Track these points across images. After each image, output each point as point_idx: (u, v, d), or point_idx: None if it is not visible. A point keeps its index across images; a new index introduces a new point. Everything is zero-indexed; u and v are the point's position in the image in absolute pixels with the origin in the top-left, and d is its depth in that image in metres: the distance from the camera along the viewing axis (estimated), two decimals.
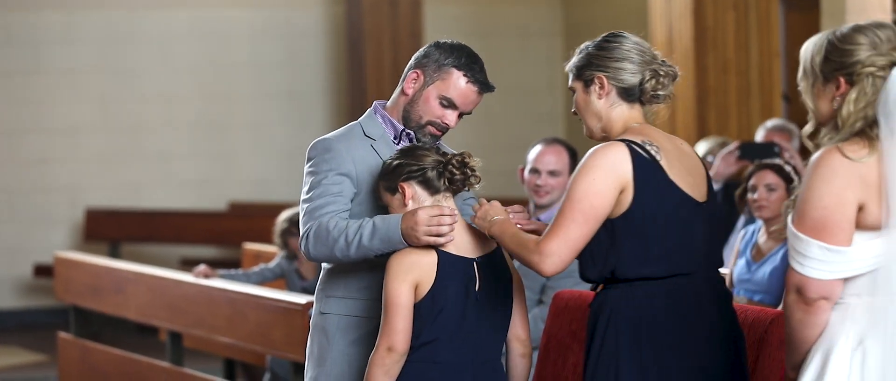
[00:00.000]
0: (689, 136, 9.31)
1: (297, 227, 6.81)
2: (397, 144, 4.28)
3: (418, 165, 4.07)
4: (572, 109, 4.01)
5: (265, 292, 6.57)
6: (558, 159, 6.00)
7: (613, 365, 3.79)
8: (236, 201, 12.66)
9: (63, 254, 8.62)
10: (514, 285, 4.13)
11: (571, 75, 3.97)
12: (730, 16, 9.48)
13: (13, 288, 12.44)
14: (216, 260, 11.67)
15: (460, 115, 4.28)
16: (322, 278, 4.35)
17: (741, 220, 6.65)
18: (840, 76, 3.42)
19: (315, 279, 5.78)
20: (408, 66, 4.32)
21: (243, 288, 6.64)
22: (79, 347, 8.14)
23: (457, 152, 4.13)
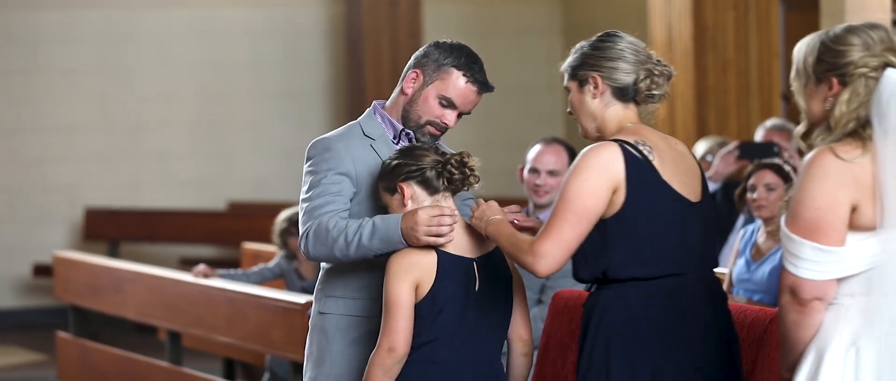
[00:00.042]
0: (688, 135, 9.31)
1: (296, 227, 6.82)
2: (396, 143, 4.27)
3: (417, 165, 4.06)
4: (568, 109, 4.00)
5: (264, 291, 6.57)
6: (557, 159, 6.00)
7: (604, 366, 3.78)
8: (235, 200, 12.66)
9: (62, 253, 8.62)
10: (514, 285, 4.13)
11: (566, 75, 3.97)
12: (729, 16, 9.48)
13: (12, 288, 12.43)
14: (215, 260, 11.66)
15: (459, 115, 4.27)
16: (321, 277, 4.34)
17: (740, 219, 6.65)
18: (833, 77, 3.41)
19: (314, 279, 5.77)
20: (407, 65, 4.32)
21: (242, 288, 6.64)
22: (78, 346, 8.14)
23: (455, 152, 4.12)
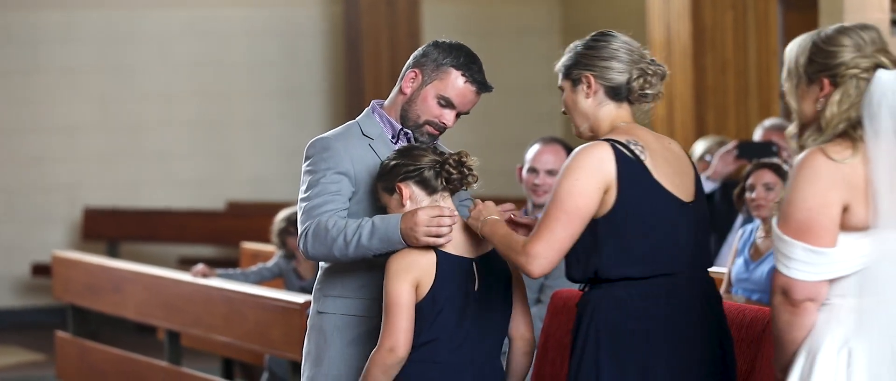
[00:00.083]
0: (687, 135, 9.31)
1: (294, 226, 6.82)
2: (395, 143, 4.27)
3: (415, 165, 4.06)
4: (562, 109, 4.00)
5: (263, 291, 6.57)
6: (556, 158, 5.99)
7: (594, 365, 3.78)
8: (234, 200, 12.66)
9: (61, 253, 8.62)
10: (513, 284, 4.13)
11: (560, 75, 3.96)
12: (728, 15, 9.48)
13: (11, 287, 12.43)
14: (214, 259, 11.67)
15: (458, 114, 4.27)
16: (319, 277, 4.34)
17: (739, 219, 6.65)
18: (824, 78, 3.41)
19: (313, 279, 5.77)
20: (406, 65, 4.32)
21: (241, 287, 6.64)
22: (77, 346, 8.14)
23: (454, 152, 4.12)
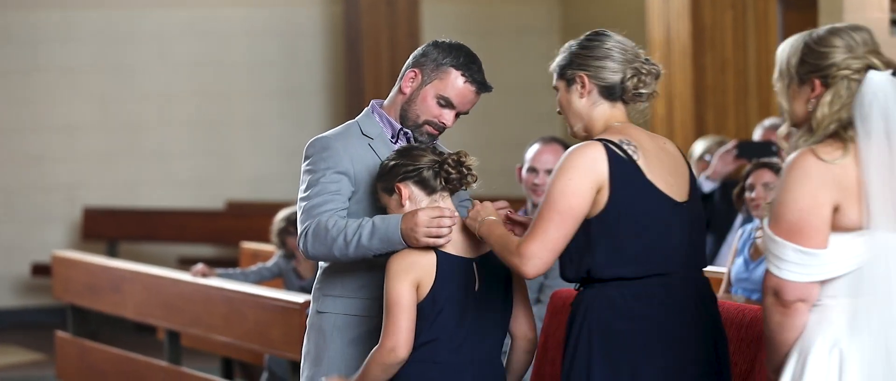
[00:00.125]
0: (686, 135, 9.31)
1: (294, 226, 6.82)
2: (395, 142, 4.27)
3: (414, 166, 4.06)
4: (557, 109, 4.00)
5: (263, 291, 6.57)
6: (556, 158, 5.99)
7: (586, 365, 3.78)
8: (234, 199, 12.66)
9: (61, 253, 8.62)
10: (514, 284, 4.13)
11: (555, 75, 3.96)
12: (728, 15, 9.48)
13: (11, 287, 12.43)
14: (214, 259, 11.67)
15: (457, 114, 4.27)
16: (319, 277, 4.34)
17: (739, 219, 6.65)
18: (815, 78, 3.41)
19: (312, 278, 5.77)
20: (405, 65, 4.32)
21: (241, 287, 6.64)
22: (76, 346, 8.14)
23: (453, 152, 4.12)
